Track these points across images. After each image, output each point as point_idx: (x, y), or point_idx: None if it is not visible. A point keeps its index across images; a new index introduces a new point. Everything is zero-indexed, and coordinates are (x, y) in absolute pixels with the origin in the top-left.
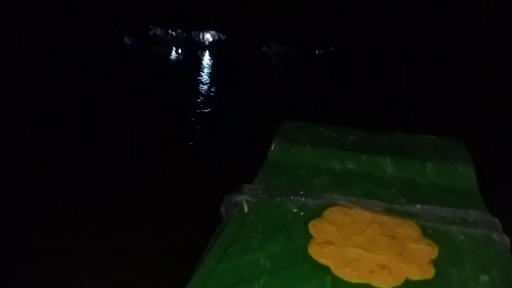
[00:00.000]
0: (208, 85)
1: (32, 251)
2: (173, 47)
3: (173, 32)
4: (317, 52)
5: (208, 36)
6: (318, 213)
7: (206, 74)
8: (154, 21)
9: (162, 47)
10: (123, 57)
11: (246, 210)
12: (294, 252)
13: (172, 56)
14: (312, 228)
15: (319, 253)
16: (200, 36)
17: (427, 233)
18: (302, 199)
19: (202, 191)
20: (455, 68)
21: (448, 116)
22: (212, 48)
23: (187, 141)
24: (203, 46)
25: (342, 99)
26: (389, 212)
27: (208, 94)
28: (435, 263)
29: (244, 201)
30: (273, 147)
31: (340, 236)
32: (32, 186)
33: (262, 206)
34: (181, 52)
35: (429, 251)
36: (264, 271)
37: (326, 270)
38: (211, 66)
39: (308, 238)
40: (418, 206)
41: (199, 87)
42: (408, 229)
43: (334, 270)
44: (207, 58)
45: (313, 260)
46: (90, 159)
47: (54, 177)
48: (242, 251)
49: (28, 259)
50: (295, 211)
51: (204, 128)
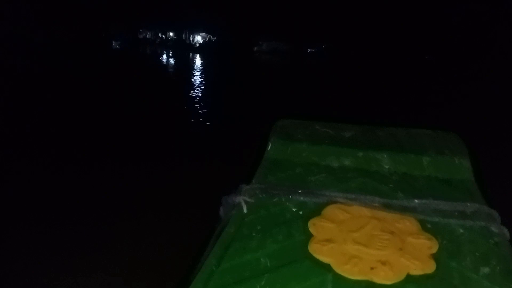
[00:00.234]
0: (200, 86)
1: (30, 248)
2: (164, 50)
3: (163, 35)
4: (309, 51)
5: (198, 38)
6: (317, 211)
7: (198, 75)
8: (144, 24)
9: (153, 49)
10: (113, 60)
11: (245, 210)
12: (295, 251)
13: (163, 59)
14: (311, 226)
15: (319, 251)
16: (190, 38)
17: (426, 227)
18: (301, 198)
19: (201, 190)
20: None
21: (443, 109)
22: (203, 49)
23: (182, 143)
24: (194, 48)
25: (336, 96)
26: (387, 207)
27: (201, 95)
28: (436, 257)
29: (242, 201)
30: (270, 146)
31: (340, 234)
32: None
33: (261, 206)
34: (172, 55)
35: (429, 245)
36: (265, 270)
37: (327, 268)
38: (202, 67)
39: (308, 236)
40: (416, 200)
41: (191, 89)
42: (407, 224)
43: (335, 268)
44: (198, 60)
45: (313, 258)
46: (90, 160)
47: (51, 175)
48: (243, 250)
49: (25, 256)
50: (294, 210)
51: (199, 129)
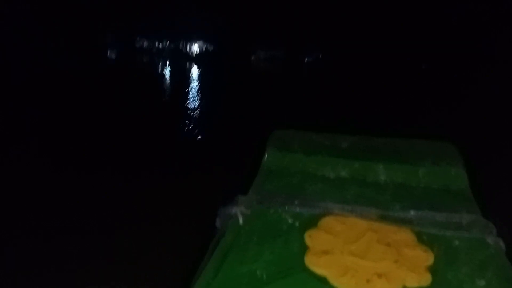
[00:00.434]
0: (197, 95)
1: (31, 255)
2: (160, 59)
3: (159, 44)
4: (306, 60)
5: (195, 47)
6: (313, 222)
7: (195, 84)
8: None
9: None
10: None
11: (241, 222)
12: (291, 263)
13: (159, 67)
14: (308, 238)
15: (315, 263)
16: (187, 47)
17: (422, 239)
18: (298, 209)
19: (197, 200)
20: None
21: (439, 119)
22: (200, 58)
23: (178, 153)
24: (190, 57)
25: (332, 105)
26: (384, 219)
27: (198, 104)
28: (432, 269)
29: (239, 213)
30: (266, 156)
31: (336, 245)
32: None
33: (258, 217)
34: (168, 63)
35: (425, 257)
36: (261, 282)
37: (323, 280)
38: (199, 76)
39: (305, 248)
40: (412, 212)
41: (187, 98)
42: (403, 235)
43: (331, 280)
44: (195, 68)
45: (310, 270)
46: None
47: (54, 181)
48: (239, 262)
49: (27, 263)
50: (290, 221)
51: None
